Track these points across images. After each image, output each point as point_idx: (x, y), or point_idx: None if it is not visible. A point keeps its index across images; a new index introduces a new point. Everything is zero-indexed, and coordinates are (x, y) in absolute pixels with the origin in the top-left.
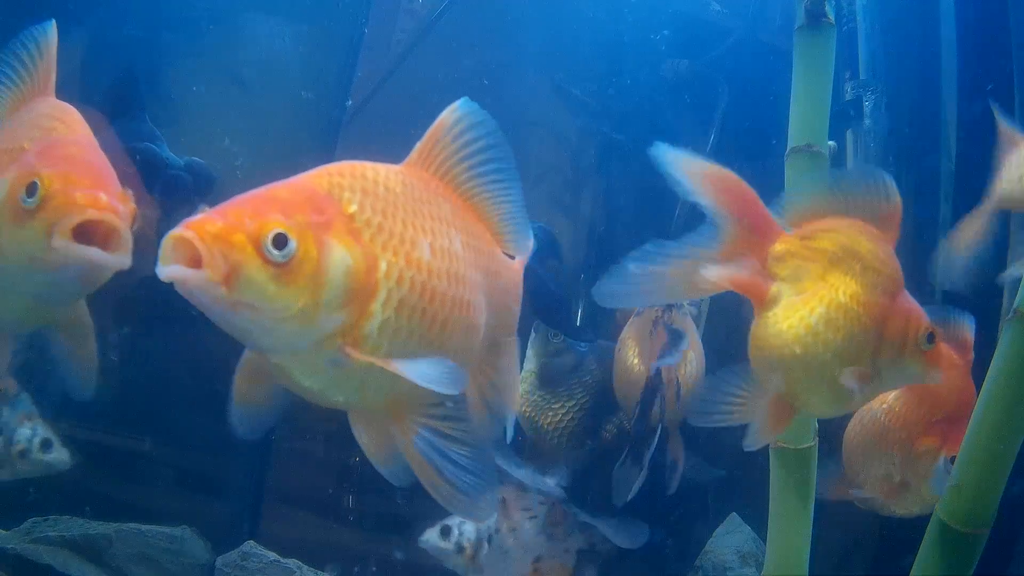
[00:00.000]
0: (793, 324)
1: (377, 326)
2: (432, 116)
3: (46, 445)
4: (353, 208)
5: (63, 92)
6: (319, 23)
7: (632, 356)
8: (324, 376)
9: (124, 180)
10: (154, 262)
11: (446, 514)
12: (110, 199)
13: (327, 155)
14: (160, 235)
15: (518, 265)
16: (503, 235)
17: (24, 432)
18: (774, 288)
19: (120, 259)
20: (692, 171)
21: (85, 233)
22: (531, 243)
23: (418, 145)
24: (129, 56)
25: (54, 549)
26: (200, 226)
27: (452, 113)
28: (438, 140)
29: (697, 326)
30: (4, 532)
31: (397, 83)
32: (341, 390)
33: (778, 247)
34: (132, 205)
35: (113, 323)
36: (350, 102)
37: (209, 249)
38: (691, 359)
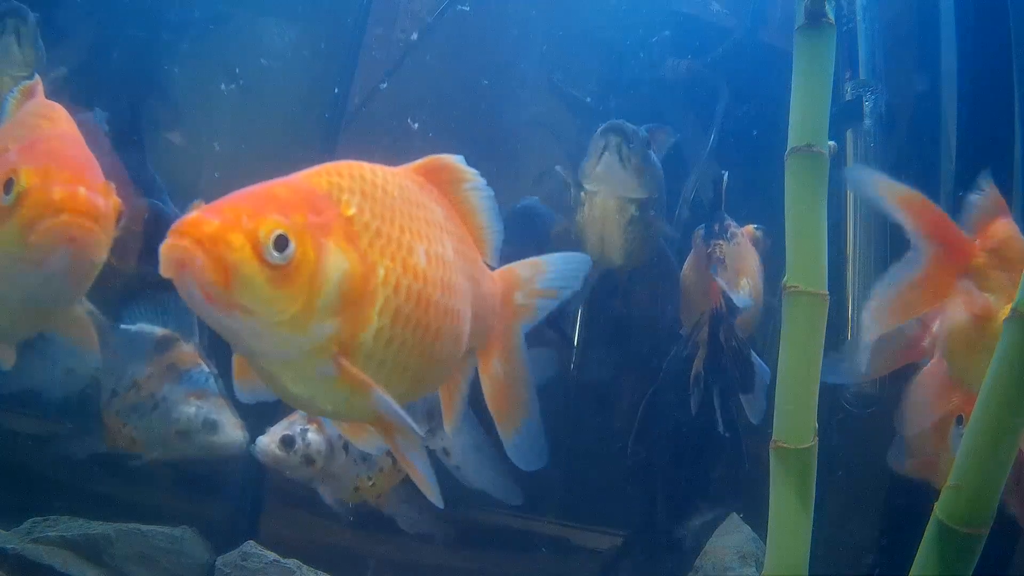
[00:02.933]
0: None
1: (373, 335)
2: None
3: (210, 426)
4: (352, 211)
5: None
6: (319, 24)
7: (690, 286)
8: (313, 385)
9: (108, 173)
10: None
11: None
12: (89, 193)
13: (328, 156)
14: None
15: (498, 276)
16: (484, 243)
17: (187, 411)
18: (992, 300)
19: (96, 255)
20: (890, 195)
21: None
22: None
23: (415, 162)
24: (130, 59)
25: (54, 549)
26: (196, 225)
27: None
28: (435, 163)
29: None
30: (4, 532)
31: (397, 84)
32: (329, 400)
33: (977, 262)
34: (115, 198)
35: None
36: (350, 103)
37: (205, 248)
38: (744, 284)
